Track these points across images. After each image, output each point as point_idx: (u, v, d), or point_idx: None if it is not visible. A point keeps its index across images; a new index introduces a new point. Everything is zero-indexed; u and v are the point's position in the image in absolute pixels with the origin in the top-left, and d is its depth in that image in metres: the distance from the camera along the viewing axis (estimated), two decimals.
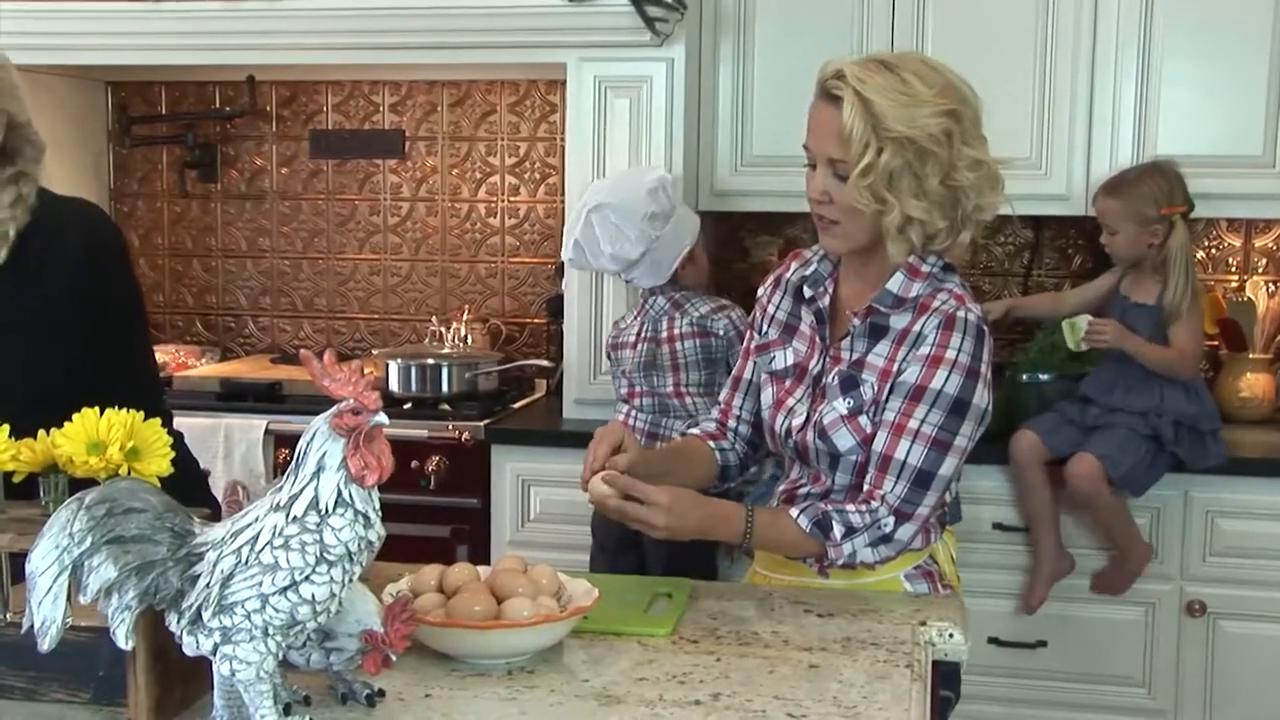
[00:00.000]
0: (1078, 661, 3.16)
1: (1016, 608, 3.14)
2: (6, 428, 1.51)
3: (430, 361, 3.49)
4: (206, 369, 3.79)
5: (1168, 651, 3.12)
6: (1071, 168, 3.28)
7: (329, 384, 1.32)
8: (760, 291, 2.11)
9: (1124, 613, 3.11)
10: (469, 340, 3.74)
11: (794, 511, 1.87)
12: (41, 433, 1.51)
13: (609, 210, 2.94)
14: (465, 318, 3.79)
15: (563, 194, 3.67)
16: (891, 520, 1.85)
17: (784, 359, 2.01)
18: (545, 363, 3.67)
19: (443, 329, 3.77)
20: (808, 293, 2.00)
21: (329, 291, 4.05)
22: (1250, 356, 3.43)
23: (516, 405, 3.57)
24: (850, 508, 1.86)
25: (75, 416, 1.49)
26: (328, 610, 1.32)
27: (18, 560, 1.39)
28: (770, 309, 2.07)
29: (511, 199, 3.91)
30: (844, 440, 1.90)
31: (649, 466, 1.88)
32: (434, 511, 3.24)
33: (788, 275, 2.06)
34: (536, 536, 3.25)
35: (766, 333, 2.06)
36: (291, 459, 1.33)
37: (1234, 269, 3.59)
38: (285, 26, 3.32)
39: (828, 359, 1.96)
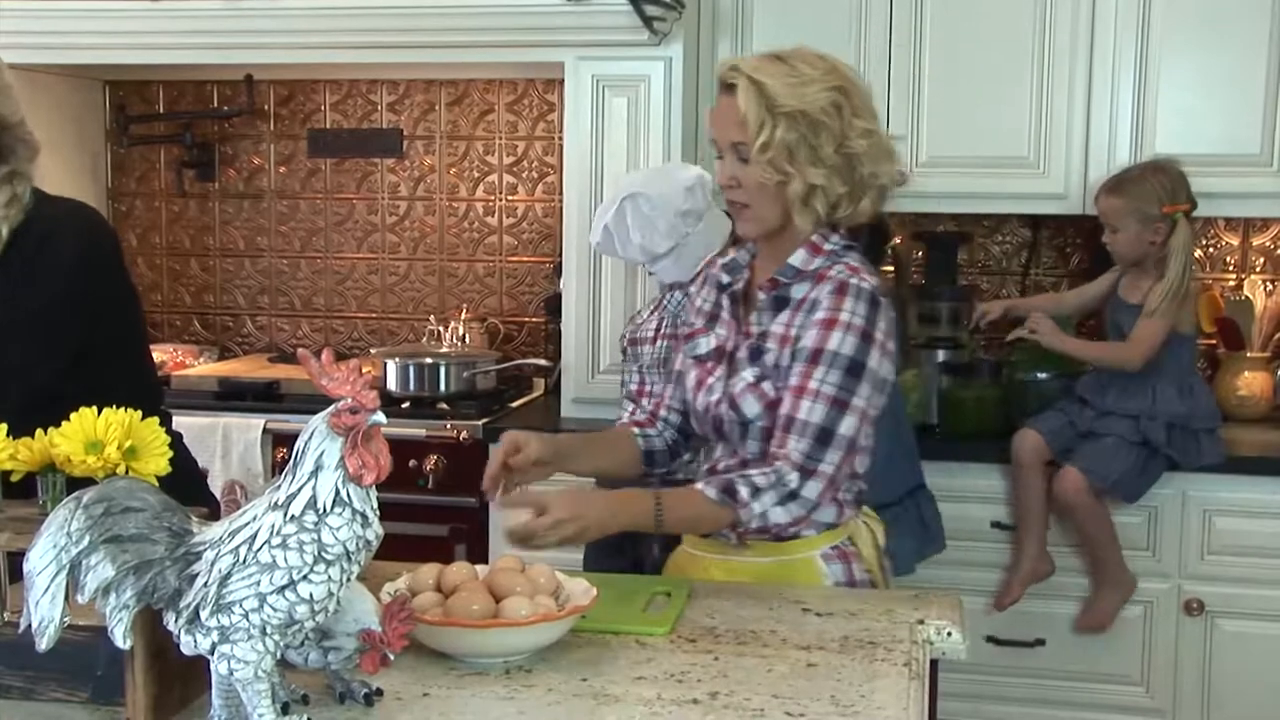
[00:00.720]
0: (1076, 660, 3.16)
1: (987, 605, 3.15)
2: (4, 427, 1.51)
3: (428, 361, 3.49)
4: (204, 368, 3.79)
5: (1166, 650, 3.13)
6: (1069, 167, 3.28)
7: (327, 383, 1.32)
8: (691, 290, 2.22)
9: (1122, 611, 3.11)
10: (467, 339, 3.73)
11: (699, 485, 1.93)
12: (39, 432, 1.51)
13: (643, 200, 2.92)
14: (463, 317, 3.79)
15: (561, 193, 3.66)
16: (796, 476, 1.89)
17: (706, 344, 2.10)
18: (543, 362, 3.67)
19: (441, 328, 3.77)
20: (726, 280, 2.10)
21: (327, 290, 4.05)
22: (1248, 355, 3.44)
23: (514, 404, 3.57)
24: (753, 470, 1.92)
25: (73, 416, 1.49)
26: (325, 609, 1.32)
27: (15, 559, 1.39)
28: (697, 302, 2.17)
29: (509, 198, 3.91)
30: (750, 407, 1.97)
31: (559, 449, 2.02)
32: (432, 511, 3.24)
33: (713, 271, 2.17)
34: None
35: (693, 324, 2.16)
36: (289, 458, 1.33)
37: (1232, 268, 3.59)
38: (283, 26, 3.32)
39: (739, 336, 2.06)
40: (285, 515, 1.30)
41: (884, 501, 2.96)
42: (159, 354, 3.57)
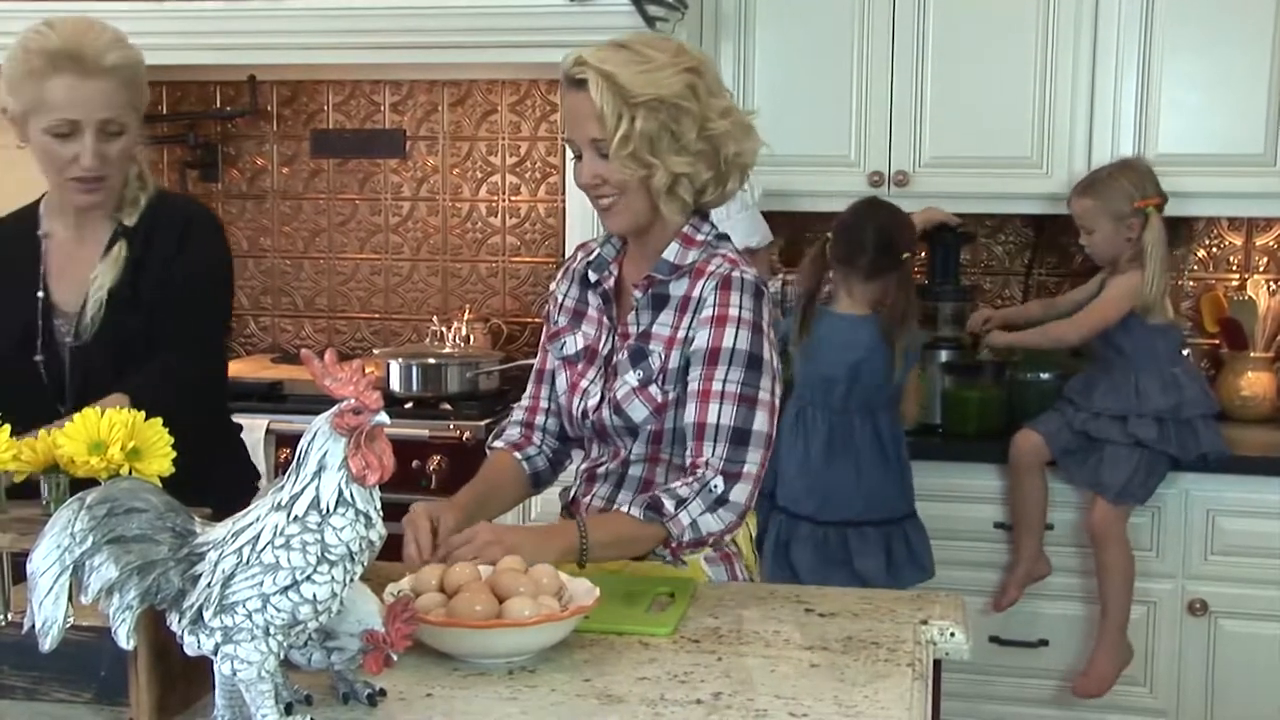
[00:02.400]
0: (1079, 660, 3.16)
1: (985, 605, 3.15)
2: (7, 428, 1.52)
3: (431, 361, 3.49)
4: None
5: (1169, 650, 3.13)
6: (1072, 167, 3.28)
7: (330, 383, 1.32)
8: (552, 286, 2.16)
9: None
10: (470, 340, 3.73)
11: (624, 508, 1.88)
12: (42, 432, 1.52)
13: None
14: (466, 317, 3.79)
15: (564, 193, 3.67)
16: (721, 481, 1.86)
17: (574, 344, 2.05)
18: None
19: (444, 328, 3.77)
20: (592, 277, 2.05)
21: (330, 291, 4.05)
22: (1251, 355, 3.44)
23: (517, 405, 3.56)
24: (676, 483, 1.88)
25: (76, 416, 1.50)
26: (329, 610, 1.32)
27: (19, 560, 1.39)
28: (560, 298, 2.11)
29: (512, 198, 3.91)
30: (638, 412, 1.94)
31: (467, 511, 1.90)
32: None
33: (575, 266, 2.12)
34: None
35: (557, 321, 2.10)
36: (293, 459, 1.34)
37: (1235, 268, 3.59)
38: (286, 26, 3.32)
39: (616, 337, 2.00)
40: (288, 516, 1.30)
41: (868, 521, 2.98)
42: None
